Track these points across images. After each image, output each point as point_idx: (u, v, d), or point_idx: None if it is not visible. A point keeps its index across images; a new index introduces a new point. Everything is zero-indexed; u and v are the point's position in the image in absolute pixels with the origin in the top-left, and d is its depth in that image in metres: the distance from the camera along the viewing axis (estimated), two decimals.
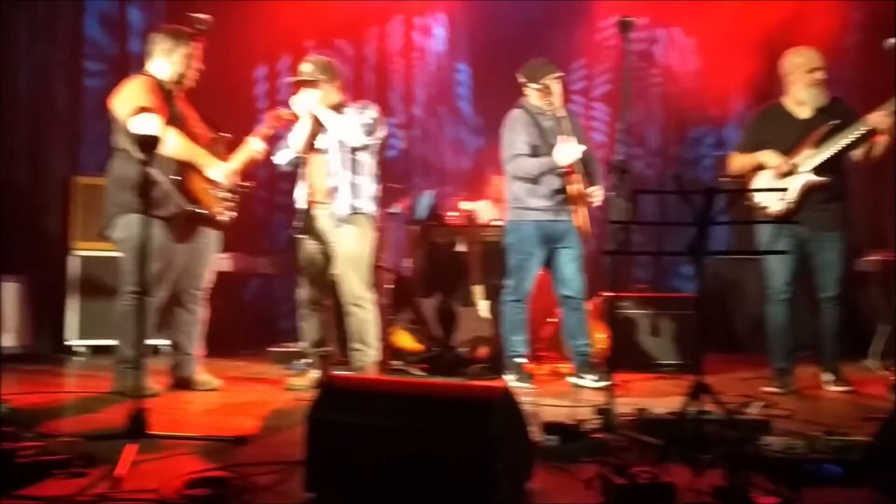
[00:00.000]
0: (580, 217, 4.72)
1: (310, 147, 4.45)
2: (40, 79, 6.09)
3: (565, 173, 4.63)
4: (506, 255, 4.88)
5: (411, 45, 7.91)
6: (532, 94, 4.78)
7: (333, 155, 4.42)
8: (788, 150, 4.52)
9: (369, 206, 4.50)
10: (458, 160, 7.96)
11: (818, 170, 4.47)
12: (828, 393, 4.61)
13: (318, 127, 4.44)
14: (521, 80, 4.80)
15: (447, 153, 7.95)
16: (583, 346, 4.72)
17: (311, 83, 4.40)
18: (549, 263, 4.84)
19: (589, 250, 5.11)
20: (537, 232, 4.72)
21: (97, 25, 6.49)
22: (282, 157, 4.56)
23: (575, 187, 4.65)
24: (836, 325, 4.65)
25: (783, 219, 4.48)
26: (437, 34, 7.98)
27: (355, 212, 4.42)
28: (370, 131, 4.42)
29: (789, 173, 4.49)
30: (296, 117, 4.46)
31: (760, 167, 4.57)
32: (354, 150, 4.42)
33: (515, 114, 4.77)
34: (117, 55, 6.52)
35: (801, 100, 4.59)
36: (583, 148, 4.59)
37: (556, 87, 4.74)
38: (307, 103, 4.37)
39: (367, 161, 4.51)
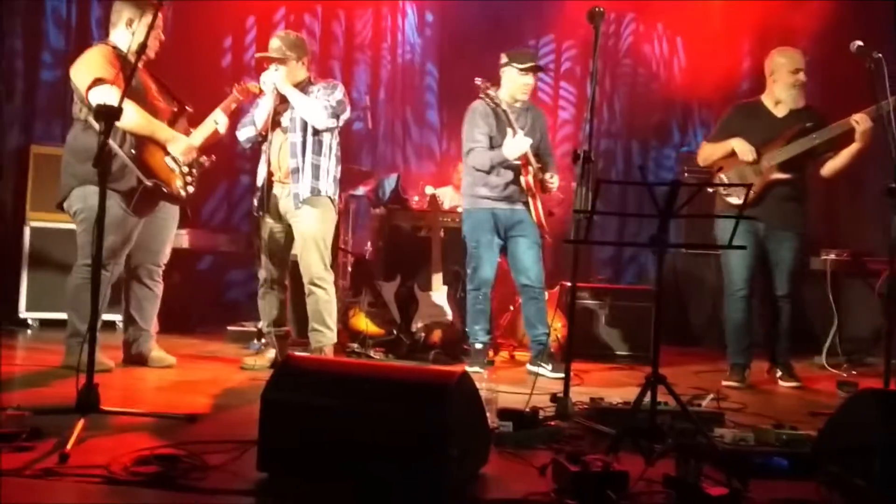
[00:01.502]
0: (535, 207, 4.78)
1: (274, 125, 4.40)
2: None
3: (519, 165, 4.69)
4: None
5: (380, 23, 7.85)
6: (508, 80, 4.78)
7: (297, 135, 4.36)
8: (760, 144, 4.60)
9: (331, 188, 4.46)
10: (421, 144, 7.96)
11: (783, 166, 4.55)
12: (778, 388, 4.70)
13: (283, 105, 4.38)
14: (504, 60, 4.81)
15: (411, 137, 7.95)
16: (541, 336, 4.75)
17: (278, 60, 4.33)
18: (507, 253, 4.87)
19: (550, 241, 5.16)
20: (489, 219, 4.78)
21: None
22: (244, 134, 4.50)
23: (528, 179, 4.71)
24: (788, 322, 4.74)
25: (742, 209, 4.51)
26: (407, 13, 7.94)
27: (316, 193, 4.38)
28: (336, 113, 4.37)
29: (755, 162, 4.57)
30: (262, 92, 4.40)
31: (729, 154, 4.64)
32: (318, 130, 4.38)
33: (475, 105, 4.81)
34: (78, 22, 6.37)
35: (779, 99, 4.68)
36: (529, 142, 4.64)
37: (532, 78, 4.80)
38: (274, 81, 4.30)
39: (331, 142, 4.47)
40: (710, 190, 4.72)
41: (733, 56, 7.57)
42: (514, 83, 4.77)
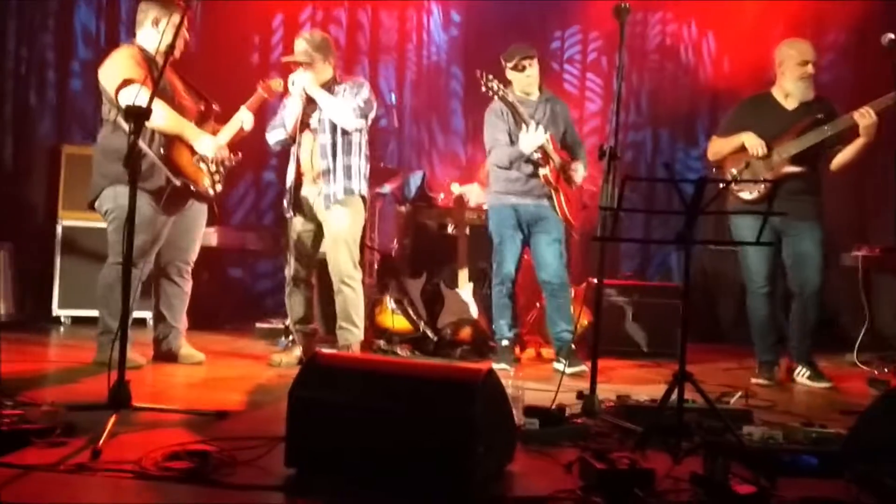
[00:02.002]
0: (559, 202, 4.75)
1: (302, 126, 4.42)
2: (29, 46, 6.02)
3: (538, 159, 4.67)
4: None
5: (406, 23, 7.87)
6: (514, 80, 4.81)
7: (326, 136, 4.39)
8: (770, 138, 4.53)
9: (362, 187, 4.49)
10: (448, 143, 7.97)
11: (795, 159, 4.49)
12: (808, 386, 4.64)
13: (311, 106, 4.40)
14: (502, 63, 4.84)
15: (436, 139, 7.96)
16: (562, 332, 4.73)
17: (306, 63, 4.35)
18: (530, 248, 4.87)
19: (577, 236, 5.15)
20: (511, 215, 4.77)
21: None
22: (274, 137, 4.52)
23: (545, 172, 4.67)
24: (816, 319, 4.63)
25: (767, 204, 4.46)
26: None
27: (350, 193, 4.41)
28: (364, 113, 4.40)
29: (766, 157, 4.51)
30: (286, 89, 4.43)
31: (739, 149, 4.58)
32: (348, 131, 4.40)
33: (492, 106, 4.83)
34: (107, 25, 6.45)
35: (788, 91, 4.61)
36: (544, 134, 4.59)
37: (532, 69, 4.78)
38: (302, 83, 4.32)
39: (360, 141, 4.49)
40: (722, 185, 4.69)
41: (764, 50, 7.51)
42: (516, 80, 4.80)
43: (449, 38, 7.94)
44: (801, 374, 4.64)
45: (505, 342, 4.81)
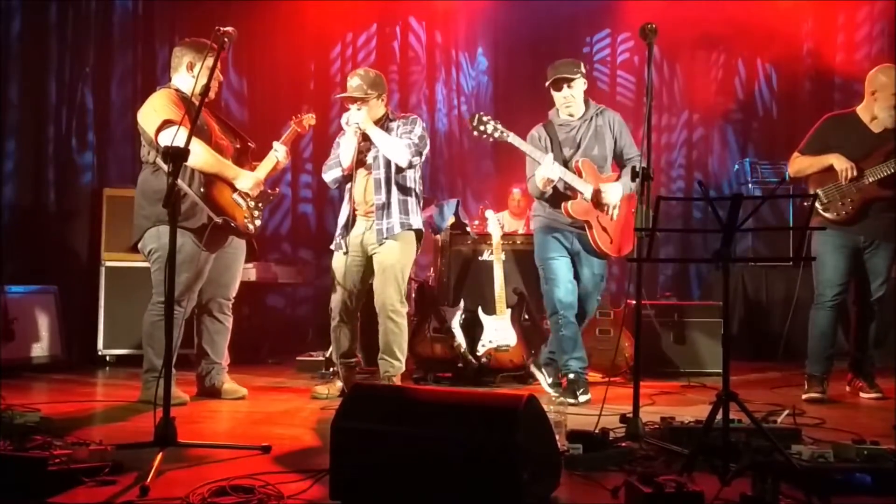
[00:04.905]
0: (591, 235, 4.45)
1: (358, 163, 4.44)
2: (69, 91, 6.18)
3: (566, 191, 4.45)
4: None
5: (434, 72, 8.02)
6: (555, 100, 4.56)
7: (381, 171, 4.40)
8: (857, 159, 4.50)
9: (418, 222, 4.50)
10: (480, 171, 8.03)
11: (883, 183, 4.47)
12: (859, 401, 4.57)
13: (365, 143, 4.41)
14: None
15: (470, 164, 8.02)
16: (569, 361, 4.51)
17: (360, 100, 4.36)
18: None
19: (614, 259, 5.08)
20: (549, 235, 4.54)
21: (124, 37, 6.56)
22: (331, 176, 4.53)
23: (569, 205, 4.42)
24: (873, 329, 4.65)
25: (839, 224, 4.49)
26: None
27: (407, 228, 4.42)
28: (419, 150, 4.39)
29: (855, 179, 4.48)
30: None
31: (826, 169, 4.54)
32: (402, 168, 4.40)
33: (531, 133, 4.61)
34: (144, 66, 6.61)
35: (876, 115, 4.57)
36: (555, 169, 4.27)
37: (571, 89, 4.46)
38: (357, 121, 4.32)
39: (414, 177, 4.51)
40: (805, 203, 4.69)
41: (792, 54, 7.53)
42: (556, 100, 4.55)
43: (478, 83, 8.09)
44: (860, 385, 4.67)
45: (571, 375, 4.46)
